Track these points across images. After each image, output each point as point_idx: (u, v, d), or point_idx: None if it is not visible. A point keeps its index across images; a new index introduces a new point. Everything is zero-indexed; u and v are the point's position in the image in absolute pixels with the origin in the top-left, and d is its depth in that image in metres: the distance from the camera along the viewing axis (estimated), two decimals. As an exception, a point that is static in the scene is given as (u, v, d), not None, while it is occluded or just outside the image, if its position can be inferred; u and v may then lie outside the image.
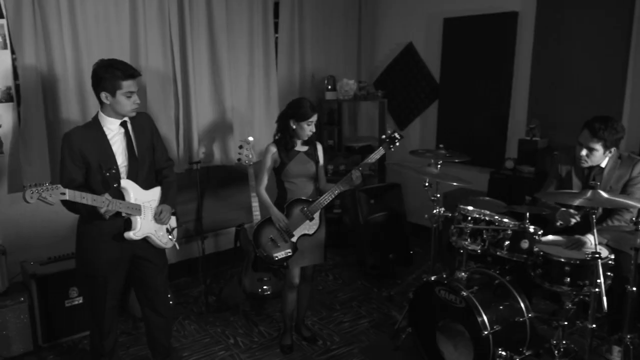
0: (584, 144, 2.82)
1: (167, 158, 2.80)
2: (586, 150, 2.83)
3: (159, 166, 2.72)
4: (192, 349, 3.22)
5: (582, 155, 2.84)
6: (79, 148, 2.40)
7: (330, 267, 4.47)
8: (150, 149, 2.63)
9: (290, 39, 4.52)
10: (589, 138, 2.80)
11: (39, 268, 3.18)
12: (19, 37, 3.15)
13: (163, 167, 2.74)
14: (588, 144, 2.81)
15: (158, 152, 2.70)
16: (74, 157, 2.41)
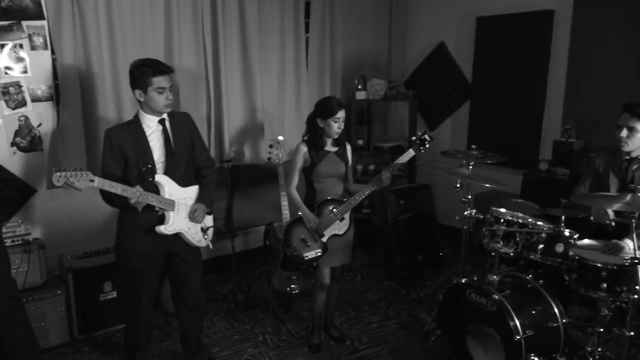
0: (624, 124, 2.75)
1: (208, 158, 2.83)
2: (626, 131, 2.74)
3: (198, 165, 2.76)
4: (222, 345, 3.27)
5: (622, 136, 2.76)
6: (118, 144, 2.49)
7: (358, 267, 4.46)
8: (188, 147, 2.67)
9: (320, 38, 4.53)
10: (629, 118, 2.72)
11: (76, 262, 3.27)
12: (58, 38, 3.25)
13: (203, 166, 2.78)
14: (628, 123, 2.73)
15: (197, 151, 2.74)
16: (113, 152, 2.49)
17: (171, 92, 2.55)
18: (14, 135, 3.25)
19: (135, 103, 3.52)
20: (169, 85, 2.52)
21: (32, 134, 3.31)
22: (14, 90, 3.21)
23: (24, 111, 3.26)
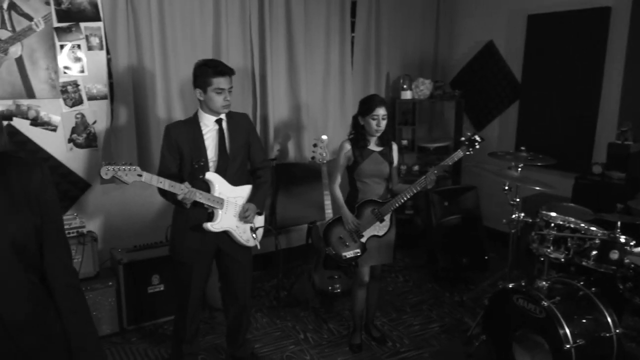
0: None
1: (264, 159, 2.87)
2: None
3: (254, 166, 2.80)
4: (264, 342, 3.31)
5: None
6: (175, 140, 2.57)
7: (400, 269, 4.42)
8: (243, 147, 2.72)
9: (366, 38, 4.52)
10: None
11: (126, 255, 3.39)
12: (113, 39, 3.37)
13: (258, 167, 2.82)
14: None
15: (254, 151, 2.78)
16: (170, 148, 2.58)
17: (230, 93, 2.59)
18: (71, 132, 3.40)
19: (184, 101, 3.65)
20: (228, 87, 2.56)
21: (88, 131, 3.45)
22: (72, 89, 3.35)
23: (81, 109, 3.41)
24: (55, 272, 1.33)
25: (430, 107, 5.19)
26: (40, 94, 3.25)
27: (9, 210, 1.21)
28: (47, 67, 3.25)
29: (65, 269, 1.36)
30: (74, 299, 1.37)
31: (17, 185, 1.24)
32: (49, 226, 1.30)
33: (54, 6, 3.20)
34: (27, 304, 1.25)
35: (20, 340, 1.22)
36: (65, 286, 1.35)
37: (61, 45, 3.28)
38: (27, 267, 1.25)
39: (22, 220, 1.22)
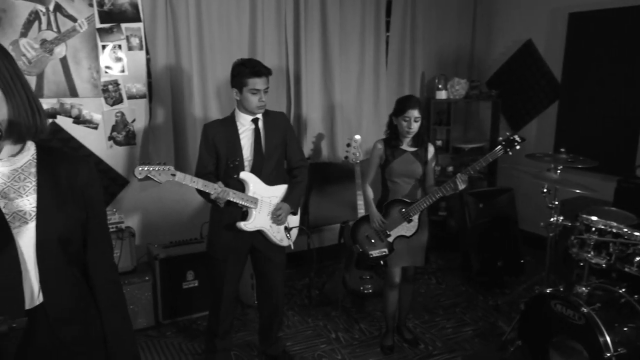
0: None
1: (301, 158, 2.86)
2: None
3: (291, 165, 2.82)
4: (295, 340, 3.33)
5: None
6: (212, 139, 2.61)
7: (433, 271, 4.37)
8: (280, 147, 2.73)
9: (401, 37, 4.48)
10: None
11: (162, 251, 3.47)
12: (153, 40, 3.45)
13: (295, 166, 2.82)
14: None
15: (290, 151, 2.79)
16: (207, 147, 2.62)
17: (266, 93, 2.61)
18: (111, 129, 3.50)
19: (220, 101, 3.70)
20: (264, 87, 2.58)
21: (127, 129, 3.54)
22: (113, 88, 3.45)
23: (121, 107, 3.50)
24: (97, 267, 1.37)
25: (466, 107, 5.11)
26: (82, 93, 3.35)
27: (58, 205, 1.24)
28: (89, 66, 3.35)
29: (106, 264, 1.39)
30: (113, 293, 1.40)
31: (65, 180, 1.28)
32: (93, 221, 1.34)
33: (96, 8, 3.30)
34: (70, 297, 1.29)
35: (61, 331, 1.26)
36: (106, 281, 1.38)
37: (103, 46, 3.37)
38: (70, 261, 1.29)
39: (69, 215, 1.26)
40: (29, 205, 1.21)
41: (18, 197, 1.21)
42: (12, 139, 1.18)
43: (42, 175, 1.25)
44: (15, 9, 3.08)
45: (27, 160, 1.25)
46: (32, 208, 1.21)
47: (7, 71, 1.13)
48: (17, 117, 1.15)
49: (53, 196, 1.24)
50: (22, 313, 1.18)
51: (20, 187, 1.22)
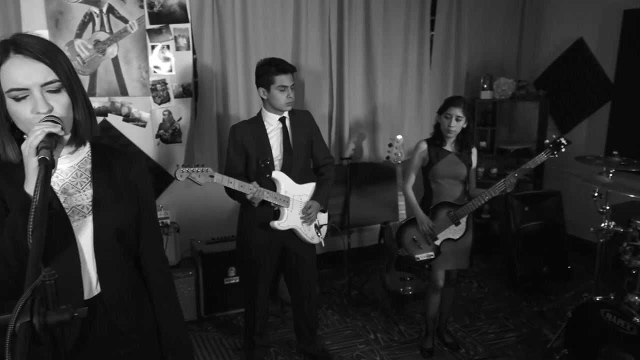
0: None
1: (327, 156, 2.87)
2: None
3: (317, 163, 2.83)
4: (334, 339, 3.33)
5: None
6: (241, 140, 2.63)
7: (475, 274, 4.29)
8: (307, 145, 2.75)
9: (446, 36, 4.41)
10: None
11: (205, 247, 3.54)
12: (200, 40, 3.53)
13: (322, 164, 2.84)
14: None
15: (317, 148, 2.81)
16: (236, 148, 2.65)
17: (293, 90, 2.63)
18: (158, 127, 3.60)
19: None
20: (291, 84, 2.60)
21: (173, 127, 3.64)
22: (161, 87, 3.55)
23: (168, 106, 3.60)
24: (149, 259, 1.42)
25: (511, 107, 4.99)
26: (132, 92, 3.47)
27: (114, 200, 1.30)
28: (139, 66, 3.46)
29: (157, 256, 1.44)
30: (165, 284, 1.44)
31: (119, 175, 1.33)
32: (145, 215, 1.39)
33: (147, 9, 3.41)
34: (125, 288, 1.34)
35: (118, 320, 1.31)
36: (158, 272, 1.43)
37: (152, 46, 3.48)
38: (126, 254, 1.34)
39: (124, 209, 1.31)
40: (86, 200, 1.27)
41: (76, 192, 1.27)
42: (75, 141, 1.23)
43: (97, 171, 1.30)
44: (72, 11, 3.22)
45: (83, 157, 1.31)
46: (89, 202, 1.27)
47: (71, 75, 1.18)
48: (79, 121, 1.20)
49: (108, 191, 1.30)
50: (81, 303, 1.24)
51: (78, 183, 1.28)
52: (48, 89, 1.13)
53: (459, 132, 2.90)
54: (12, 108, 1.13)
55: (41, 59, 1.12)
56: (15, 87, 1.11)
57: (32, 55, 1.11)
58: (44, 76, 1.12)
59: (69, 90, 1.17)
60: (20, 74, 1.11)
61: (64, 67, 1.16)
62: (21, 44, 1.12)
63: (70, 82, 1.17)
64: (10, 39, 1.14)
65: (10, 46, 1.12)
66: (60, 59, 1.16)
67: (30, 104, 1.12)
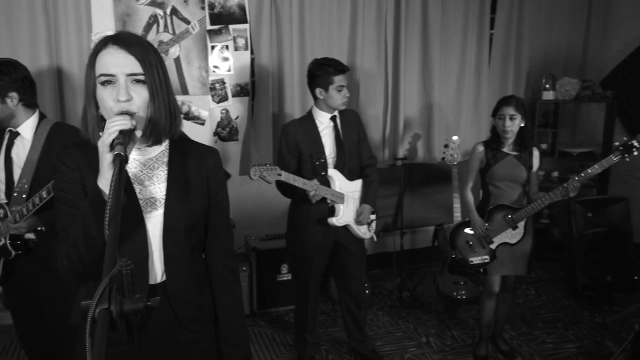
0: None
1: (371, 155, 2.91)
2: None
3: (362, 163, 2.85)
4: (385, 340, 3.31)
5: None
6: (294, 139, 2.67)
7: (532, 281, 4.14)
8: (356, 143, 2.79)
9: (506, 34, 4.28)
10: None
11: (259, 243, 3.60)
12: (257, 40, 3.59)
13: (366, 164, 2.86)
14: None
15: (362, 149, 2.84)
16: (289, 147, 2.68)
17: (346, 89, 2.67)
18: (216, 125, 3.69)
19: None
20: (346, 83, 2.66)
21: (231, 126, 3.72)
22: (219, 86, 3.64)
23: (225, 105, 3.68)
24: (215, 252, 1.44)
25: (575, 108, 4.78)
26: (192, 91, 3.57)
27: (185, 195, 1.34)
28: (199, 66, 3.56)
29: (224, 250, 1.46)
30: (229, 279, 1.46)
31: (193, 168, 1.38)
32: (215, 208, 1.42)
33: (207, 10, 3.50)
34: (189, 279, 1.38)
35: (179, 310, 1.35)
36: (223, 266, 1.45)
37: (212, 46, 3.57)
38: (193, 247, 1.38)
39: (194, 204, 1.35)
40: (160, 193, 1.32)
41: (151, 185, 1.32)
42: (150, 138, 1.28)
43: (173, 165, 1.35)
44: (138, 13, 3.35)
45: (160, 150, 1.36)
46: (162, 196, 1.32)
47: (159, 75, 1.24)
48: (157, 119, 1.25)
49: (181, 186, 1.34)
50: (146, 290, 1.29)
51: (153, 175, 1.33)
52: (132, 79, 1.21)
53: (516, 132, 2.81)
54: (99, 93, 1.22)
55: (132, 51, 1.21)
56: (105, 72, 1.20)
57: (125, 47, 1.21)
58: (131, 67, 1.21)
59: (151, 85, 1.23)
60: (111, 61, 1.20)
61: (153, 64, 1.23)
62: (119, 36, 1.23)
63: (154, 78, 1.23)
64: (114, 33, 1.25)
65: (111, 39, 1.23)
66: (150, 56, 1.24)
67: (114, 91, 1.20)
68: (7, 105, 2.13)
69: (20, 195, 2.15)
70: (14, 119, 2.17)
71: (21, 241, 2.20)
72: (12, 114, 2.15)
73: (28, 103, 2.19)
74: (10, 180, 2.18)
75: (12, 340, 3.24)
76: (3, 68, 2.10)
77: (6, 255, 2.21)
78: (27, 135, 2.19)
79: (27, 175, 2.15)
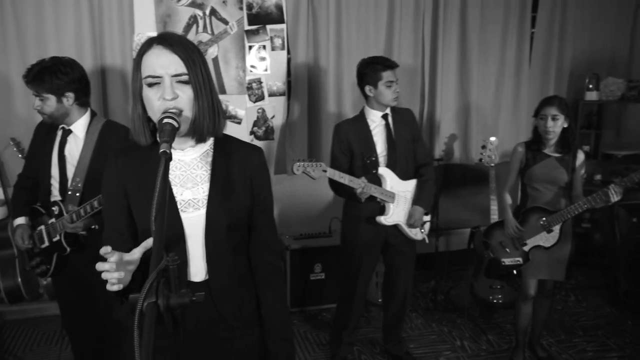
0: None
1: (426, 154, 2.88)
2: None
3: (417, 162, 2.82)
4: (419, 342, 3.28)
5: None
6: (346, 137, 2.68)
7: (571, 287, 4.02)
8: (409, 142, 2.76)
9: (548, 33, 4.17)
10: None
11: (293, 242, 3.62)
12: (294, 40, 3.61)
13: (422, 163, 2.83)
14: None
15: (417, 147, 2.80)
16: (341, 145, 2.70)
17: (397, 85, 2.66)
18: (252, 125, 3.73)
19: (354, 99, 3.77)
20: (395, 79, 2.64)
21: (267, 125, 3.75)
22: (256, 86, 3.68)
23: (262, 104, 3.72)
24: (259, 251, 1.45)
25: (620, 109, 4.61)
26: (230, 90, 3.62)
27: (228, 195, 1.35)
28: (237, 66, 3.61)
29: (268, 249, 1.46)
30: (273, 277, 1.46)
31: (236, 168, 1.38)
32: (258, 207, 1.42)
33: (245, 11, 3.54)
34: (231, 277, 1.39)
35: (221, 307, 1.37)
36: (266, 264, 1.45)
37: (249, 46, 3.61)
38: (236, 246, 1.39)
39: (237, 203, 1.37)
40: (202, 194, 1.34)
41: (194, 186, 1.35)
42: (194, 137, 1.31)
43: (216, 164, 1.37)
44: (178, 14, 3.42)
45: (205, 150, 1.38)
46: (204, 196, 1.34)
47: (202, 74, 1.27)
48: (200, 119, 1.28)
49: (224, 185, 1.35)
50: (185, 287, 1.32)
51: (197, 175, 1.36)
52: (177, 79, 1.24)
53: (559, 133, 2.74)
54: (145, 93, 1.26)
55: (176, 52, 1.24)
56: (151, 74, 1.23)
57: (170, 47, 1.24)
58: (175, 68, 1.23)
59: (195, 85, 1.25)
60: (157, 62, 1.23)
61: (196, 64, 1.26)
62: (164, 37, 1.26)
63: (198, 77, 1.25)
64: (159, 34, 1.29)
65: (156, 39, 1.26)
66: (194, 56, 1.27)
67: (160, 90, 1.23)
68: (63, 104, 2.20)
69: (74, 194, 2.22)
70: (67, 117, 2.24)
71: (74, 238, 2.27)
72: (66, 112, 2.22)
73: (82, 102, 2.26)
74: (63, 177, 2.25)
75: (55, 330, 3.36)
76: (62, 68, 2.17)
77: (61, 251, 2.29)
78: (80, 133, 2.26)
79: (80, 173, 2.21)
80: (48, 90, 2.16)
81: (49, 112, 2.20)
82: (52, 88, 2.15)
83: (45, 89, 2.15)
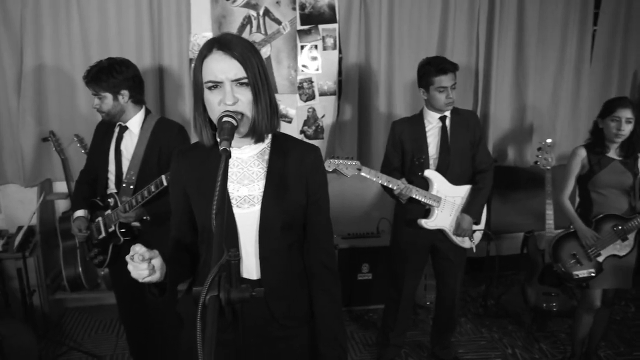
0: None
1: (484, 161, 2.76)
2: None
3: (476, 168, 2.75)
4: (468, 348, 3.21)
5: None
6: (399, 135, 2.67)
7: (632, 297, 3.82)
8: (467, 146, 2.68)
9: (611, 31, 3.98)
10: None
11: (341, 241, 3.62)
12: (346, 40, 3.61)
13: (479, 169, 2.74)
14: None
15: (477, 153, 2.72)
16: (394, 143, 2.69)
17: (453, 90, 2.58)
18: (302, 124, 3.76)
19: (405, 98, 3.74)
20: (451, 84, 2.55)
21: (317, 124, 3.77)
22: (307, 85, 3.70)
23: (312, 104, 3.74)
24: (314, 251, 1.45)
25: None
26: (281, 90, 3.67)
27: (282, 193, 1.36)
28: (289, 65, 3.64)
29: (323, 250, 1.45)
30: (327, 278, 1.45)
31: (292, 166, 1.39)
32: (313, 207, 1.42)
33: (298, 11, 3.57)
34: (284, 276, 1.40)
35: (272, 304, 1.39)
36: (320, 265, 1.44)
37: (301, 46, 3.64)
38: (290, 245, 1.41)
39: (292, 202, 1.37)
40: (258, 191, 1.36)
41: (250, 183, 1.37)
42: (253, 137, 1.34)
43: (273, 162, 1.39)
44: (233, 15, 3.49)
45: (262, 147, 1.41)
46: (259, 193, 1.36)
47: (260, 76, 1.29)
48: (259, 119, 1.30)
49: (279, 183, 1.37)
50: None
51: (253, 173, 1.38)
52: (237, 83, 1.27)
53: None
54: (206, 96, 1.29)
55: (236, 56, 1.26)
56: (212, 79, 1.27)
57: (230, 53, 1.26)
58: (235, 72, 1.26)
59: (254, 87, 1.28)
60: (218, 68, 1.26)
61: (255, 67, 1.28)
62: (224, 42, 1.28)
63: (257, 80, 1.28)
64: (217, 37, 1.31)
65: (215, 44, 1.29)
66: (253, 59, 1.29)
67: (220, 94, 1.27)
68: (119, 101, 2.32)
69: (128, 187, 2.33)
70: (123, 114, 2.36)
71: (127, 228, 2.38)
72: (122, 109, 2.34)
73: (137, 100, 2.37)
74: (119, 171, 2.37)
75: (112, 319, 3.51)
76: (117, 67, 2.29)
77: (115, 242, 2.40)
78: (135, 129, 2.37)
79: (134, 167, 2.32)
80: (105, 89, 2.28)
81: (106, 109, 2.32)
82: (108, 86, 2.27)
83: (103, 88, 2.28)
